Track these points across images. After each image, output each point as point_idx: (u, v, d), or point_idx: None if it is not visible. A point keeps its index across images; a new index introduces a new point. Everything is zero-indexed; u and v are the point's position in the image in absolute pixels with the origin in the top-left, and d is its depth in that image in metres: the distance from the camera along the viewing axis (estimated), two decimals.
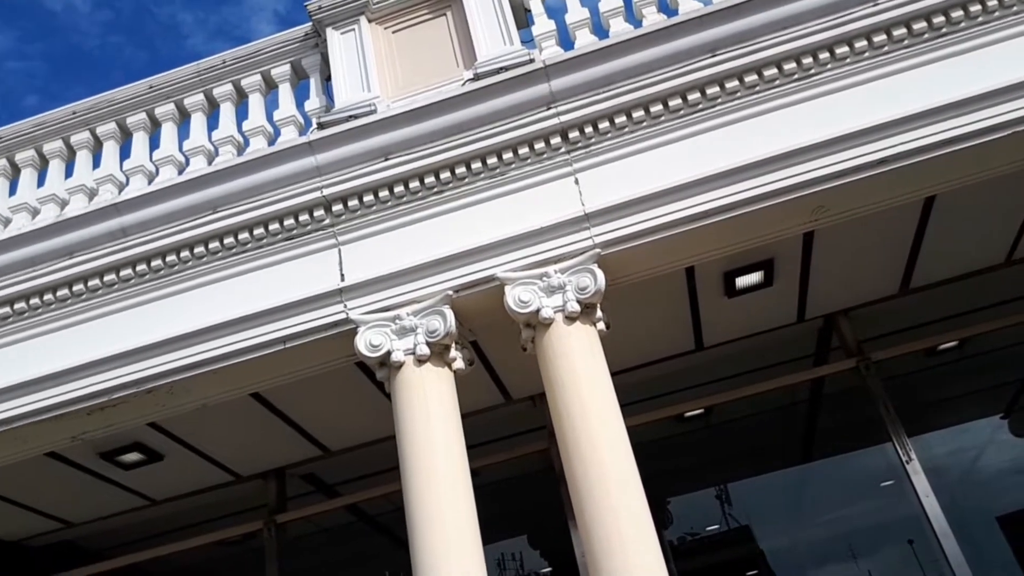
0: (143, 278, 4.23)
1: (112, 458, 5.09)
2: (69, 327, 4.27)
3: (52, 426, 4.21)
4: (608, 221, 3.83)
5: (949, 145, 3.69)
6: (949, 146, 3.69)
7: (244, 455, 5.48)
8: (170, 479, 5.52)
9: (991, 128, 3.67)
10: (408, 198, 4.08)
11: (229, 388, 4.24)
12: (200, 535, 5.79)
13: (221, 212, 4.16)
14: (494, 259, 3.87)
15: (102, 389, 4.06)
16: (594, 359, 3.69)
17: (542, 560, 6.52)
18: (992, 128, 3.67)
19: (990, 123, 3.67)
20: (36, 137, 4.82)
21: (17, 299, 4.31)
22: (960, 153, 3.71)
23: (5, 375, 4.19)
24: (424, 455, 3.59)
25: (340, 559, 6.62)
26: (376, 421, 5.27)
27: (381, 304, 3.92)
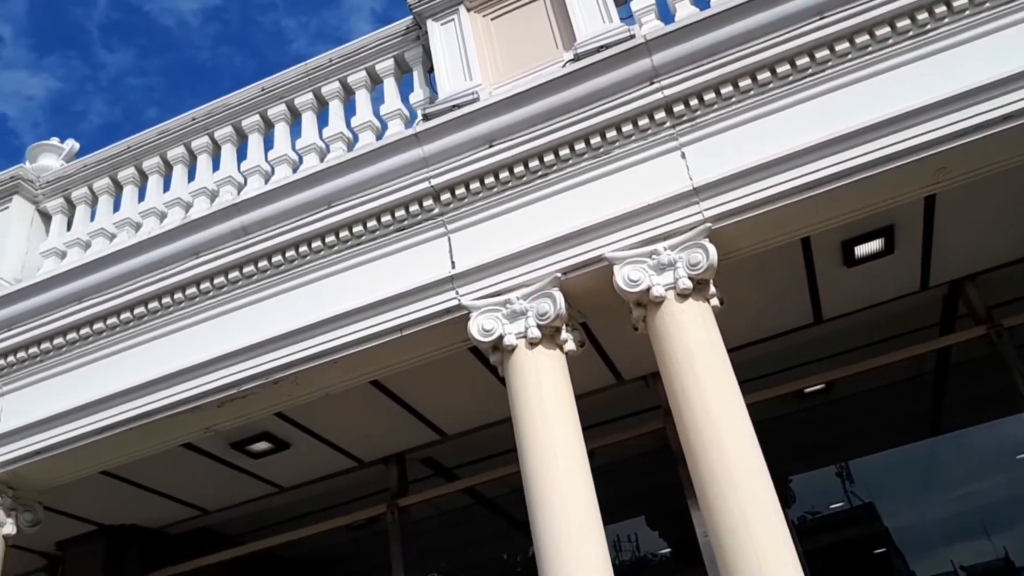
0: (265, 274, 4.42)
1: (242, 447, 5.36)
2: (198, 324, 4.50)
3: (186, 418, 4.45)
4: (718, 194, 3.74)
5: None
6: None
7: (366, 441, 5.66)
8: (297, 466, 5.77)
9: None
10: (513, 183, 4.10)
11: (350, 376, 4.39)
12: (327, 520, 6.03)
13: (335, 207, 4.29)
14: (601, 239, 3.85)
15: (231, 382, 4.27)
16: (709, 336, 3.61)
17: (660, 541, 6.48)
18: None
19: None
20: (160, 144, 5.11)
21: (150, 299, 4.57)
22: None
23: (143, 372, 4.46)
24: (541, 437, 3.61)
25: (460, 541, 6.78)
26: (490, 404, 5.35)
27: (492, 289, 3.96)
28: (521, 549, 6.72)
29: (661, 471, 5.74)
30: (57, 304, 4.70)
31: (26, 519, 4.80)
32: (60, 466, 4.69)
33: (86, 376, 4.60)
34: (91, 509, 5.78)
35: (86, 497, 5.45)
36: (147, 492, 5.67)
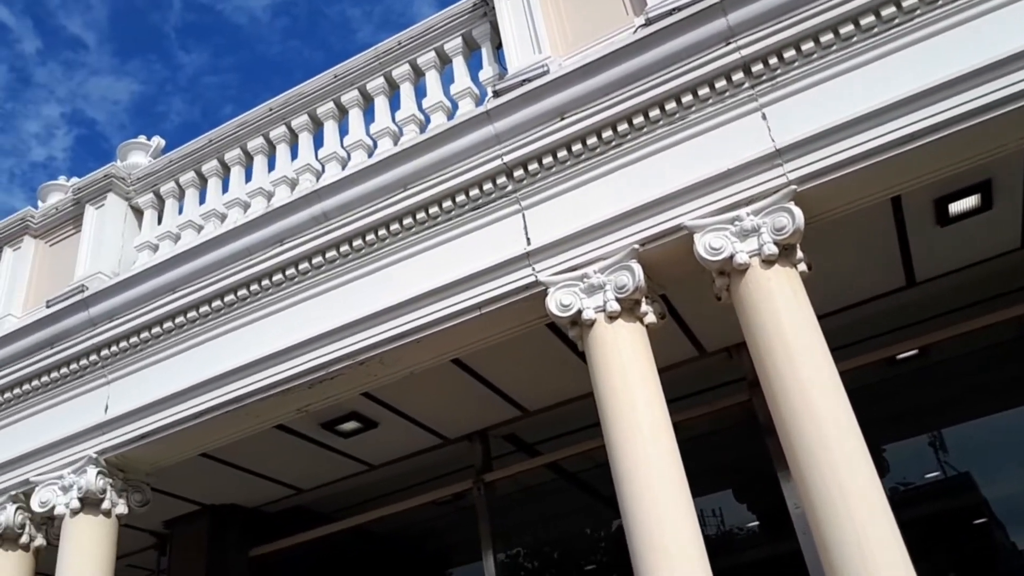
0: (346, 258, 4.51)
1: (332, 427, 5.51)
2: (286, 309, 4.63)
3: (279, 400, 4.60)
4: (802, 155, 3.61)
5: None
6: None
7: (449, 418, 5.75)
8: (384, 444, 5.90)
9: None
10: (587, 155, 4.06)
11: (432, 356, 4.45)
12: (415, 496, 6.16)
13: (410, 189, 4.33)
14: (680, 207, 3.77)
15: (320, 364, 4.39)
16: (797, 302, 3.51)
17: (748, 514, 6.38)
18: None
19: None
20: (240, 136, 5.26)
21: (239, 287, 4.73)
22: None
23: (236, 357, 4.62)
24: (624, 410, 3.59)
25: (544, 515, 6.81)
26: (570, 380, 5.33)
27: (568, 264, 3.94)
28: (605, 523, 6.73)
29: (747, 443, 5.64)
30: (152, 295, 4.91)
31: (136, 499, 5.07)
32: (163, 449, 4.92)
33: (183, 363, 4.80)
34: (194, 489, 6.06)
35: (189, 478, 5.71)
36: (245, 473, 5.90)
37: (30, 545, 5.07)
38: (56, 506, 4.85)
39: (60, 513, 4.83)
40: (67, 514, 4.80)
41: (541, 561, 6.83)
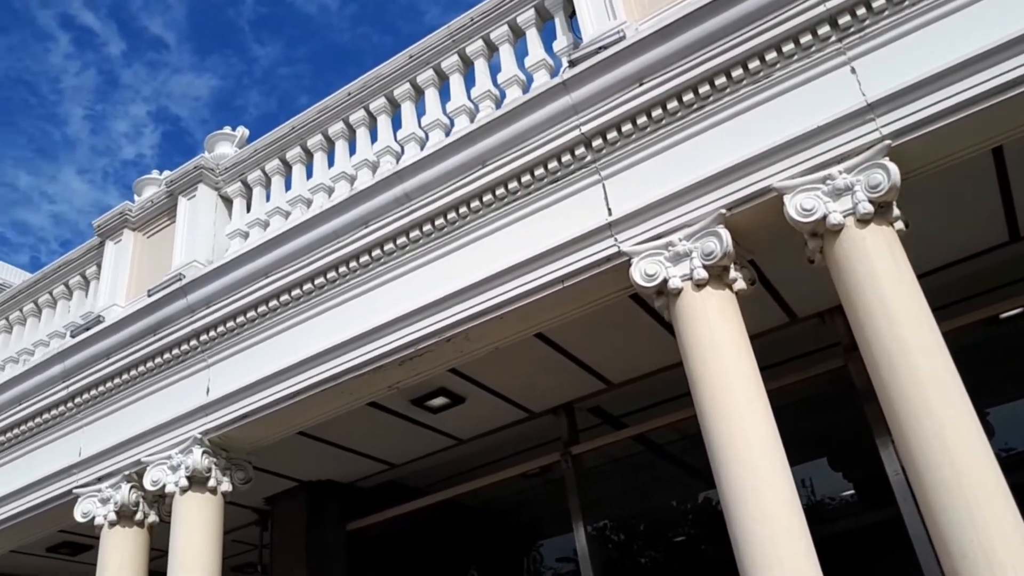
0: (429, 237, 4.56)
1: (422, 403, 5.62)
2: (373, 289, 4.72)
3: (371, 378, 4.71)
4: (896, 108, 3.45)
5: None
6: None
7: (535, 392, 5.78)
8: (472, 419, 5.99)
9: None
10: (667, 120, 3.98)
11: (516, 330, 4.47)
12: (504, 469, 6.24)
13: (489, 165, 4.34)
14: (768, 168, 3.66)
15: (409, 341, 4.48)
16: (895, 261, 3.37)
17: (844, 482, 6.23)
18: None
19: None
20: (321, 122, 5.37)
21: (328, 269, 4.84)
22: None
23: (328, 338, 4.75)
24: (715, 380, 3.54)
25: (632, 487, 6.82)
26: (655, 351, 5.30)
27: (652, 233, 3.88)
28: (691, 495, 6.69)
29: (843, 410, 5.50)
30: (246, 281, 5.08)
31: (239, 477, 5.29)
32: (262, 428, 5.11)
33: (278, 345, 4.97)
34: (293, 467, 6.29)
35: (288, 456, 5.93)
36: (340, 449, 6.09)
37: (144, 522, 5.35)
38: (166, 484, 5.11)
39: (170, 491, 5.08)
40: (176, 492, 5.05)
41: (630, 533, 6.84)
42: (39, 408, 5.88)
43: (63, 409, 5.82)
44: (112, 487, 5.34)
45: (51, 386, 5.83)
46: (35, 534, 6.24)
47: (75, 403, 5.75)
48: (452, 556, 6.95)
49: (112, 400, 5.60)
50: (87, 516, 5.40)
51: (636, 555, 6.80)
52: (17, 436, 6.04)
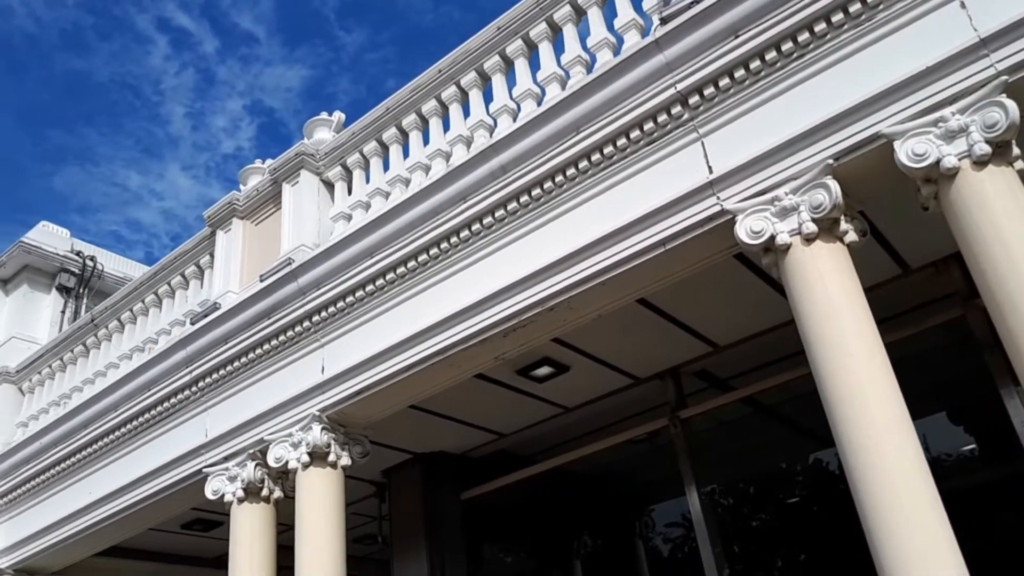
0: (526, 208, 4.59)
1: (527, 373, 5.69)
2: (475, 263, 4.80)
3: (476, 350, 4.80)
4: (1012, 41, 3.24)
5: None
6: None
7: (639, 358, 5.77)
8: (578, 387, 6.04)
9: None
10: (766, 71, 3.86)
11: (618, 297, 4.46)
12: (611, 436, 6.27)
13: (584, 132, 4.33)
14: (875, 114, 3.51)
15: (513, 312, 4.53)
16: (1017, 203, 3.19)
17: (965, 436, 5.98)
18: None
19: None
20: (414, 101, 5.46)
21: (430, 246, 4.93)
22: None
23: (434, 313, 4.85)
24: (831, 335, 3.45)
25: (743, 450, 6.74)
26: (762, 311, 5.20)
27: (755, 188, 3.79)
28: (803, 456, 6.55)
29: (962, 362, 5.26)
30: (352, 262, 5.25)
31: (357, 451, 5.50)
32: (375, 403, 5.29)
33: (387, 322, 5.12)
34: (407, 439, 6.50)
35: (401, 429, 6.13)
36: (450, 421, 6.25)
37: (270, 497, 5.63)
38: (289, 461, 5.35)
39: (293, 467, 5.32)
40: (299, 468, 5.29)
41: (742, 496, 6.78)
42: (167, 393, 6.25)
43: (188, 393, 6.17)
44: (238, 465, 5.65)
45: (176, 372, 6.19)
46: (170, 512, 6.67)
47: (199, 387, 6.09)
48: (563, 522, 7.05)
49: (234, 382, 5.90)
50: (217, 494, 5.73)
51: (749, 518, 6.73)
52: (148, 420, 6.45)
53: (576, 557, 7.28)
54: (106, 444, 6.71)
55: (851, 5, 3.63)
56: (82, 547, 7.12)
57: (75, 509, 6.81)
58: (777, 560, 6.54)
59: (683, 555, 6.80)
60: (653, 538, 7.10)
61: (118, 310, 7.25)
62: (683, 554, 6.81)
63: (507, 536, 7.27)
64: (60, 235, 8.84)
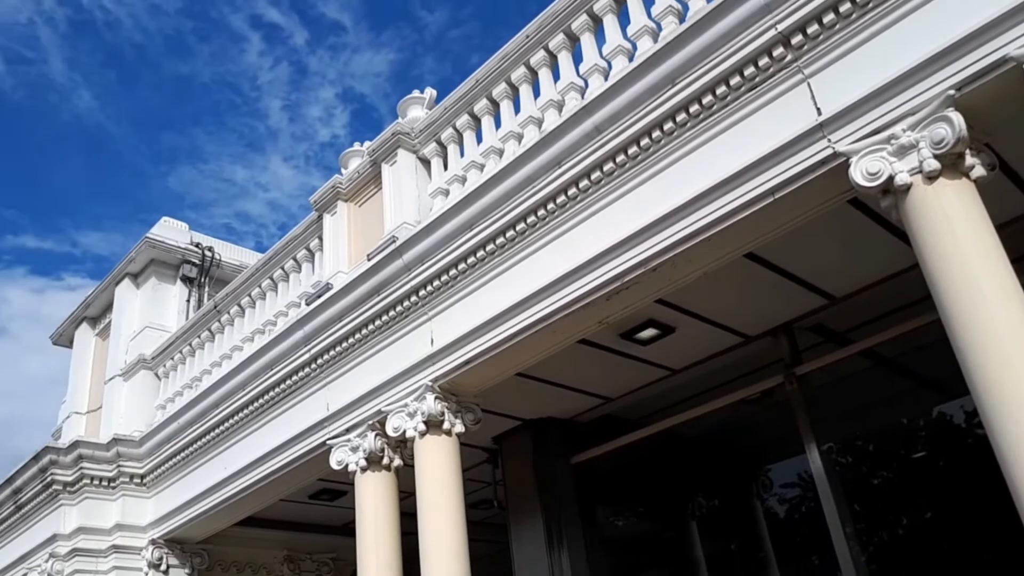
0: (624, 168, 4.51)
1: (631, 336, 5.62)
2: (574, 228, 4.76)
3: (579, 315, 4.78)
4: None
5: None
6: None
7: (749, 315, 5.61)
8: (684, 348, 5.93)
9: None
10: (875, 1, 3.62)
11: (725, 252, 4.35)
12: (722, 397, 6.14)
13: (679, 83, 4.19)
14: (1002, 37, 3.25)
15: (615, 275, 4.49)
16: None
17: None
18: None
19: None
20: (503, 70, 5.43)
21: (528, 214, 4.93)
22: None
23: (536, 280, 4.86)
24: (961, 280, 3.25)
25: (862, 404, 6.48)
26: (881, 258, 4.95)
27: (870, 127, 3.59)
28: (925, 409, 6.26)
29: None
30: (453, 235, 5.31)
31: (469, 419, 5.62)
32: (483, 372, 5.37)
33: (490, 292, 5.17)
34: (515, 406, 6.57)
35: (510, 396, 6.20)
36: (557, 387, 6.27)
37: (391, 465, 5.84)
38: (406, 430, 5.53)
39: (410, 436, 5.50)
40: (416, 436, 5.46)
41: (864, 452, 6.54)
42: (289, 371, 6.54)
43: (308, 370, 6.43)
44: (359, 436, 5.87)
45: (296, 351, 6.46)
46: (298, 483, 7.01)
47: (318, 363, 6.33)
48: (676, 484, 6.99)
49: (350, 357, 6.11)
50: (341, 464, 5.98)
51: (872, 474, 6.50)
52: (273, 397, 6.77)
53: (692, 518, 7.22)
54: (237, 421, 7.10)
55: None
56: (221, 518, 7.59)
57: (213, 483, 7.26)
58: (902, 518, 6.30)
59: (803, 514, 6.65)
60: (771, 498, 6.96)
61: (238, 296, 7.62)
62: (803, 513, 6.65)
63: (620, 499, 7.27)
64: (180, 229, 9.34)
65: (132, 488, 8.08)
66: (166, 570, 7.86)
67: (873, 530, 6.09)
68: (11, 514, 8.51)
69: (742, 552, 7.05)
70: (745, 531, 6.89)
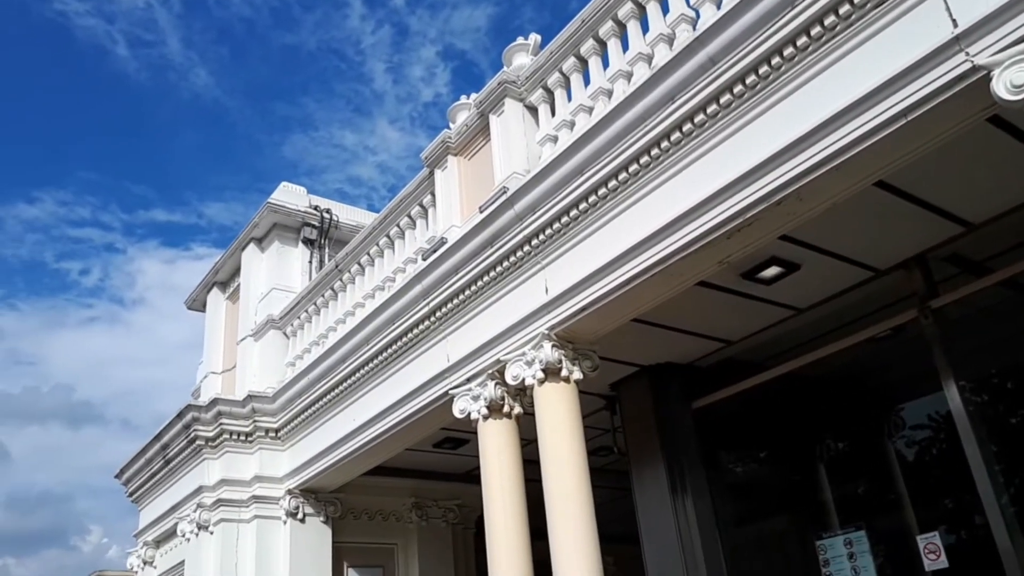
0: (741, 99, 4.34)
1: (753, 276, 5.47)
2: (690, 165, 4.64)
3: (699, 256, 4.69)
4: None
5: None
6: None
7: (878, 248, 5.35)
8: (809, 286, 5.73)
9: None
10: None
11: (853, 181, 4.15)
12: (850, 335, 5.90)
13: (799, 5, 3.97)
14: None
15: (735, 212, 4.35)
16: None
17: None
18: None
19: None
20: (610, 7, 5.30)
21: (640, 154, 4.83)
22: None
23: (652, 222, 4.77)
24: None
25: (1005, 338, 6.09)
26: (1022, 180, 4.61)
27: (1015, 35, 3.32)
28: None
29: None
30: (563, 182, 5.28)
31: (587, 366, 5.65)
32: (599, 319, 5.38)
33: (604, 238, 5.13)
34: (633, 352, 6.55)
35: (627, 342, 6.18)
36: (675, 332, 6.20)
37: (511, 413, 5.97)
38: (525, 378, 5.63)
39: (529, 384, 5.59)
40: (535, 384, 5.54)
41: (1001, 388, 6.18)
42: (409, 325, 6.74)
43: (428, 323, 6.61)
44: (480, 385, 6.01)
45: (415, 305, 6.65)
46: (423, 432, 7.27)
47: (437, 316, 6.50)
48: (803, 427, 6.82)
49: (467, 309, 6.24)
50: (463, 412, 6.15)
51: (1012, 412, 6.13)
52: (396, 351, 7.01)
53: (819, 461, 7.03)
54: (363, 375, 7.40)
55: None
56: (351, 468, 7.98)
57: (342, 435, 7.62)
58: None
59: (939, 455, 6.37)
60: (903, 438, 6.69)
61: (357, 254, 7.88)
62: (938, 454, 6.37)
63: (744, 443, 7.17)
64: (298, 193, 9.71)
65: (268, 442, 8.59)
66: (303, 518, 8.35)
67: (1014, 471, 5.78)
68: (161, 468, 9.23)
69: (873, 494, 6.84)
70: (876, 473, 6.66)
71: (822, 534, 6.03)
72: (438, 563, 9.12)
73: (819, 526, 6.20)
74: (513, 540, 5.57)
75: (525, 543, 5.61)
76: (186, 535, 8.43)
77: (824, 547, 5.92)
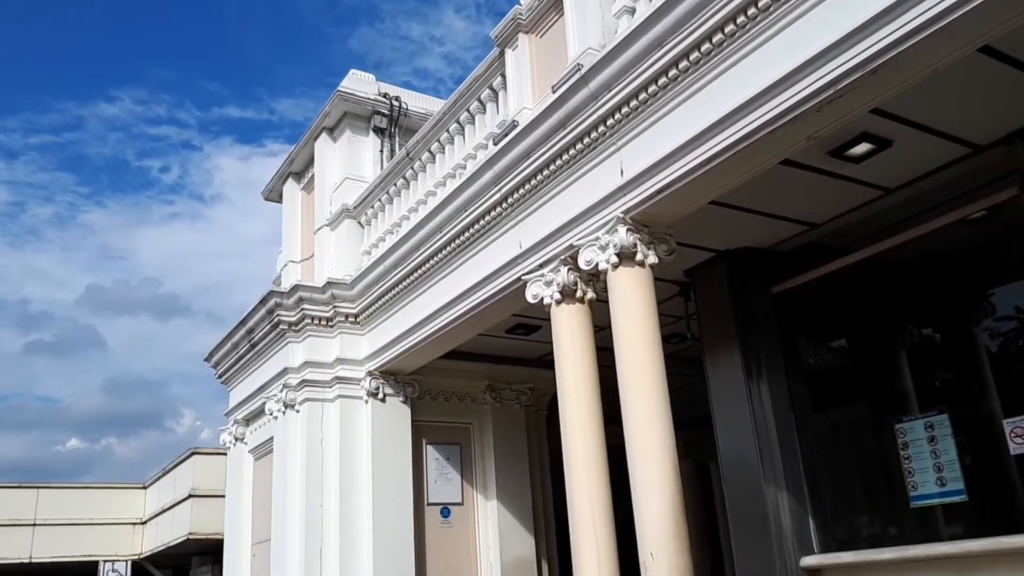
0: None
1: (840, 154, 5.20)
2: (777, 34, 4.36)
3: (786, 132, 4.46)
4: None
5: None
6: None
7: (979, 121, 5.00)
8: (901, 164, 5.43)
9: None
10: None
11: (960, 45, 3.84)
12: (942, 215, 5.63)
13: None
14: None
15: (827, 82, 4.10)
16: None
17: None
18: None
19: None
20: None
21: (725, 23, 4.55)
22: None
23: (736, 96, 4.54)
24: None
25: None
26: None
27: None
28: None
29: None
30: (641, 56, 5.04)
31: (662, 250, 5.56)
32: (676, 201, 5.25)
33: (683, 115, 4.93)
34: (710, 237, 6.41)
35: (704, 226, 6.04)
36: (755, 215, 6.01)
37: (584, 298, 5.96)
38: (598, 263, 5.58)
39: (603, 268, 5.55)
40: (608, 268, 5.50)
41: None
42: (481, 211, 6.73)
43: (500, 210, 6.58)
44: (552, 271, 6.00)
45: (486, 191, 6.60)
46: (496, 317, 7.38)
47: (508, 203, 6.46)
48: (885, 313, 6.61)
49: (540, 194, 6.17)
50: (536, 298, 6.19)
51: None
52: (469, 238, 7.03)
53: (901, 348, 6.86)
54: (437, 262, 7.49)
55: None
56: (427, 352, 8.20)
57: (418, 320, 7.80)
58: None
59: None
60: (993, 326, 6.44)
61: (427, 142, 7.82)
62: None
63: (824, 329, 7.02)
64: (368, 80, 9.60)
65: (347, 326, 8.86)
66: (383, 398, 8.69)
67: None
68: (247, 351, 9.68)
69: (956, 383, 6.67)
70: (963, 361, 6.47)
71: (902, 418, 5.95)
72: (512, 442, 9.44)
73: (899, 411, 6.11)
74: (587, 421, 5.68)
75: (598, 425, 5.71)
76: (274, 413, 8.90)
77: (904, 430, 5.86)
